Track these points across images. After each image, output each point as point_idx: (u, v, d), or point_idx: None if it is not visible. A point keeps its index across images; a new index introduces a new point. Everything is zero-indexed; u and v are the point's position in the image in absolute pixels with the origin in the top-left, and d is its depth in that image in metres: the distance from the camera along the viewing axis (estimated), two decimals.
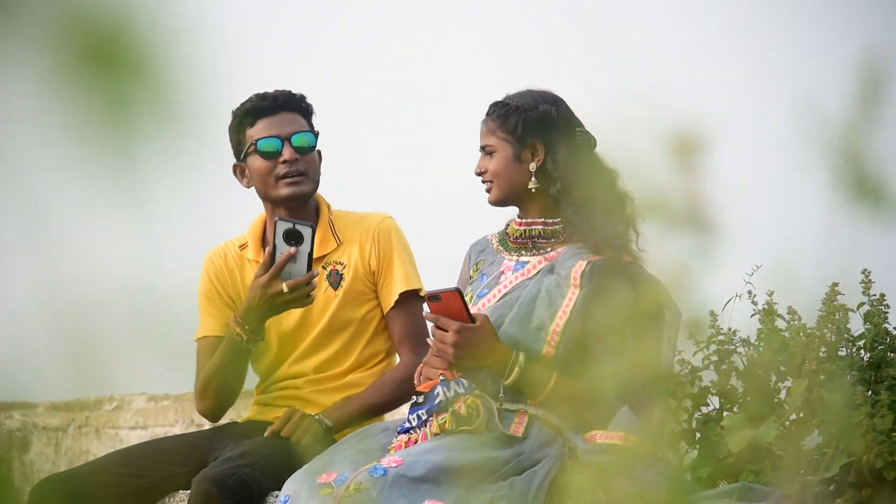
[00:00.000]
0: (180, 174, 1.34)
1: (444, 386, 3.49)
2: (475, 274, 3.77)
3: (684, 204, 1.63)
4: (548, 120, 3.64)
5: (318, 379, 4.05)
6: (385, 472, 3.32)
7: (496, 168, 3.65)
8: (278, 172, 3.98)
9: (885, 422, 3.50)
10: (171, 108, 1.30)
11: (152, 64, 1.29)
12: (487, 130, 3.67)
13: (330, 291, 4.03)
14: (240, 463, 3.70)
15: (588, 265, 3.58)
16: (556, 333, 3.54)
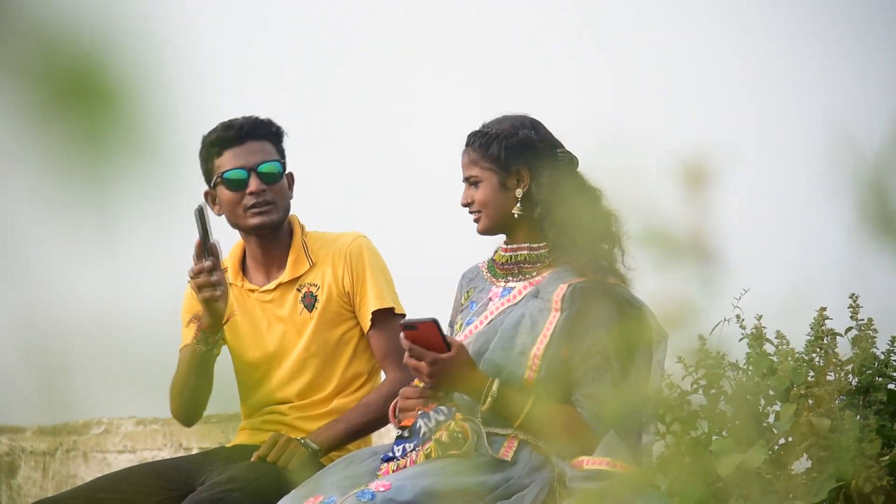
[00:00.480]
0: (152, 207, 1.34)
1: (423, 418, 3.49)
2: (466, 302, 3.77)
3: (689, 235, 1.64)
4: (529, 144, 3.65)
5: (303, 405, 4.04)
6: (373, 496, 3.32)
7: (483, 198, 3.64)
8: (245, 203, 4.00)
9: (873, 446, 3.50)
10: (143, 142, 1.31)
11: (124, 99, 1.30)
12: (470, 161, 3.66)
13: (305, 314, 4.04)
14: (227, 487, 3.69)
15: (569, 288, 3.58)
16: (536, 357, 3.54)
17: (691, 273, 1.65)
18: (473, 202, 3.66)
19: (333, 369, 4.05)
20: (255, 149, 4.02)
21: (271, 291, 4.07)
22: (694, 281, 1.66)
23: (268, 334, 4.07)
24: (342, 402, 4.05)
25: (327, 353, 4.05)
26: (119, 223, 1.35)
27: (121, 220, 1.35)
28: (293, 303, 4.05)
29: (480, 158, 3.65)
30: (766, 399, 3.70)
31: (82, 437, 7.62)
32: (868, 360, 3.67)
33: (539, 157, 3.64)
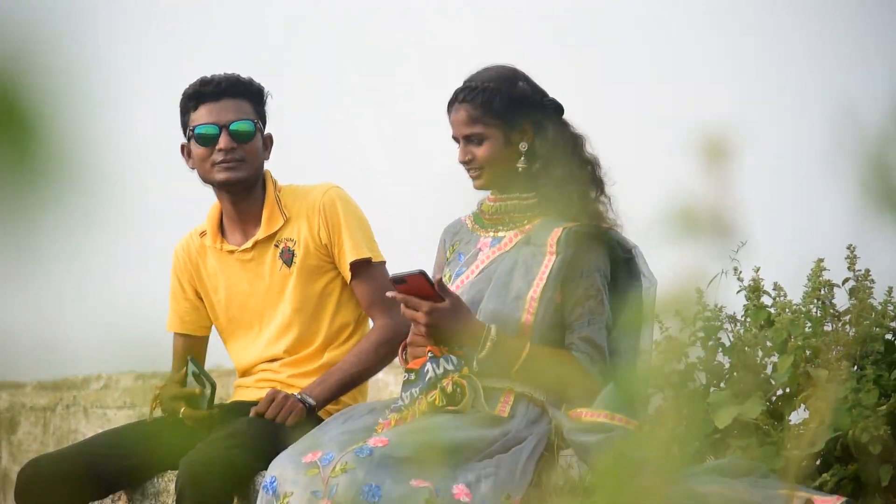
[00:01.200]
0: (79, 237, 1.34)
1: (433, 363, 3.49)
2: (451, 255, 3.76)
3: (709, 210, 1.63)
4: (527, 97, 3.63)
5: (294, 361, 4.05)
6: (371, 452, 3.33)
7: (488, 155, 3.60)
8: (214, 159, 4.01)
9: (870, 396, 3.50)
10: (70, 172, 1.31)
11: (43, 125, 1.30)
12: (470, 118, 3.61)
13: (284, 269, 4.05)
14: (227, 444, 3.70)
15: (564, 231, 3.58)
16: (533, 300, 3.54)
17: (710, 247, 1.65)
18: (474, 159, 3.62)
19: (320, 322, 4.06)
20: (230, 106, 4.02)
21: (249, 250, 4.07)
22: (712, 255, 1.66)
23: (251, 294, 4.08)
24: (332, 354, 4.06)
25: (311, 307, 4.05)
26: (44, 249, 1.35)
27: (46, 245, 1.35)
28: (272, 259, 4.06)
29: (484, 115, 3.60)
30: (763, 351, 3.70)
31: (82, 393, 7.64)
32: (865, 311, 3.67)
33: (536, 109, 3.63)
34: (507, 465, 3.40)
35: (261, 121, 4.06)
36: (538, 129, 3.61)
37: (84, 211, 1.33)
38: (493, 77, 3.63)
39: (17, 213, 1.31)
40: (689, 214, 1.64)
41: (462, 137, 3.63)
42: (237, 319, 4.10)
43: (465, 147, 3.62)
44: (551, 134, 3.60)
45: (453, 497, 3.29)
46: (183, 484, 3.64)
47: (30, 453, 7.55)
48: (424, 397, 3.49)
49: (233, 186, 4.03)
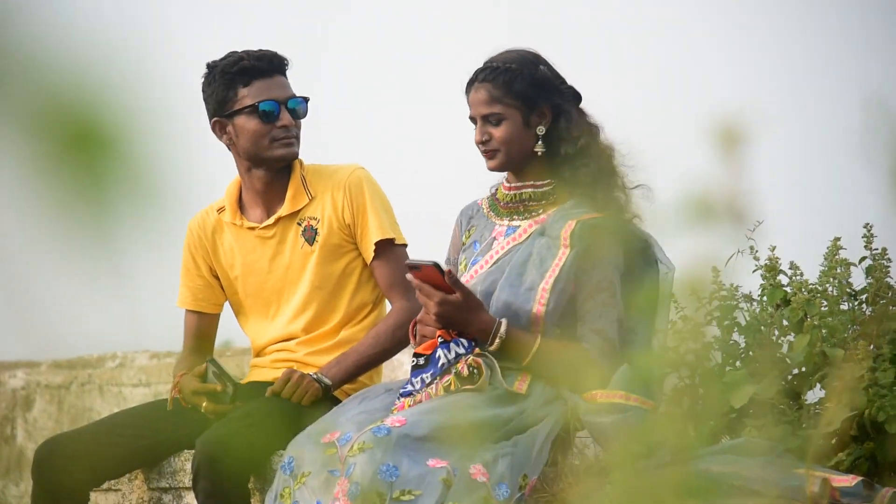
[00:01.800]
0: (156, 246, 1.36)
1: (444, 348, 3.50)
2: (468, 240, 3.76)
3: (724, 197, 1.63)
4: (547, 81, 3.62)
5: (311, 339, 4.05)
6: (389, 431, 3.33)
7: (506, 136, 3.60)
8: (275, 135, 3.99)
9: (887, 375, 3.50)
10: (146, 184, 1.32)
11: (127, 144, 1.32)
12: (491, 98, 3.61)
13: (306, 247, 4.04)
14: (243, 423, 3.71)
15: (578, 224, 3.57)
16: (545, 291, 3.54)
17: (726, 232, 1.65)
18: (491, 139, 3.62)
19: (338, 301, 4.06)
20: (282, 83, 4.04)
21: (272, 227, 4.06)
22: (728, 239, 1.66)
23: (270, 271, 4.07)
24: (349, 333, 4.06)
25: (331, 286, 4.05)
26: (125, 262, 1.37)
27: (127, 258, 1.37)
28: (294, 237, 4.05)
29: (504, 95, 3.60)
30: (779, 330, 3.70)
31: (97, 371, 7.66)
32: (882, 290, 3.67)
33: (555, 93, 3.63)
34: (524, 445, 3.40)
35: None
36: (557, 113, 3.61)
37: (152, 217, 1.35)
38: (515, 59, 3.62)
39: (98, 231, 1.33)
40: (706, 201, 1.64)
41: (480, 117, 3.62)
42: (254, 297, 4.10)
43: (483, 127, 3.61)
44: (570, 120, 3.60)
45: (470, 476, 3.30)
46: (199, 463, 3.65)
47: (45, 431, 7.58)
48: (439, 382, 3.49)
49: (285, 162, 4.03)
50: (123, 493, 4.07)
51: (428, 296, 3.49)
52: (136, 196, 1.32)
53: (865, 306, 3.67)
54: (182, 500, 3.97)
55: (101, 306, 1.41)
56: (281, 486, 3.38)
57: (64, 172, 1.32)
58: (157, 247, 1.36)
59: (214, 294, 4.15)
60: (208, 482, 3.63)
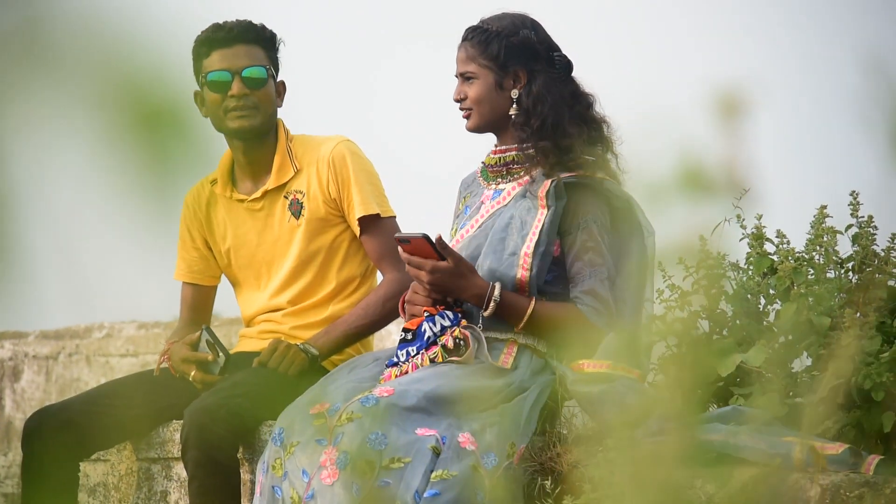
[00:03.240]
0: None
1: (429, 321, 3.51)
2: (461, 207, 3.77)
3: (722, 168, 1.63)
4: (529, 45, 3.62)
5: (298, 312, 4.05)
6: (377, 401, 3.34)
7: (477, 95, 3.62)
8: (227, 105, 3.97)
9: (873, 343, 3.51)
10: (206, 158, 1.33)
11: (189, 119, 1.32)
12: (467, 57, 3.63)
13: (293, 221, 4.03)
14: (231, 393, 3.71)
15: (552, 183, 3.58)
16: (527, 256, 3.54)
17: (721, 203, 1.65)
18: (466, 98, 3.64)
19: (326, 275, 4.06)
20: (241, 52, 3.98)
21: (259, 200, 4.05)
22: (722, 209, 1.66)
23: (259, 244, 4.07)
24: (338, 307, 4.05)
25: (318, 259, 4.05)
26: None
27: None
28: (281, 210, 4.04)
29: (479, 55, 3.62)
30: (766, 298, 3.71)
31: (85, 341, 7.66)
32: (868, 258, 3.67)
33: (537, 59, 3.62)
34: (512, 413, 3.41)
35: (273, 67, 4.03)
36: (533, 78, 3.61)
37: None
38: (500, 21, 3.63)
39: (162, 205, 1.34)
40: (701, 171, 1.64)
41: (459, 75, 3.65)
42: (244, 269, 4.09)
43: (460, 86, 3.64)
44: (544, 85, 3.60)
45: (459, 445, 3.31)
46: (187, 433, 3.65)
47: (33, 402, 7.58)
48: (425, 353, 3.50)
49: (245, 134, 4.00)
50: (112, 463, 4.08)
51: (419, 266, 3.49)
52: (196, 172, 1.33)
53: (852, 274, 3.68)
54: (171, 470, 3.97)
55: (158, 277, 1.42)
56: (272, 456, 3.39)
57: (131, 148, 1.32)
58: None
59: (209, 266, 4.14)
60: (197, 452, 3.63)
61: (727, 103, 1.62)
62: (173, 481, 3.97)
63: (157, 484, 4.00)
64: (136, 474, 4.03)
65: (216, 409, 3.66)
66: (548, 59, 3.63)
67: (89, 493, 4.13)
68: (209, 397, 3.71)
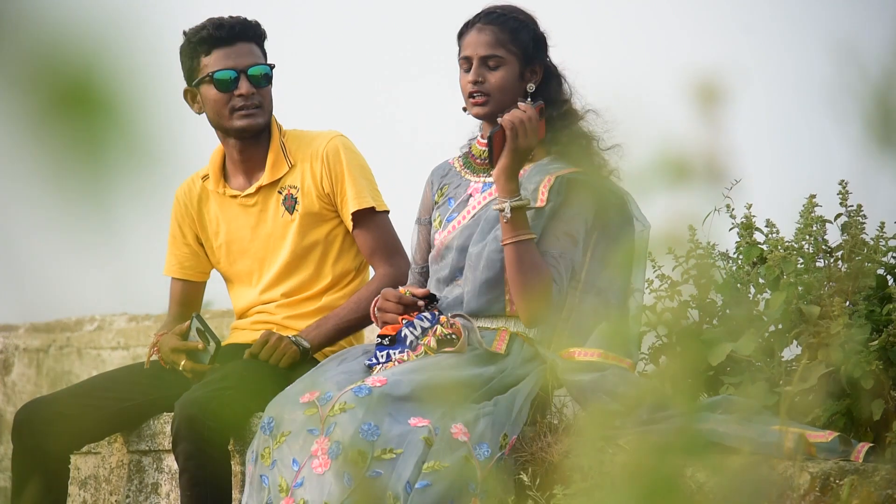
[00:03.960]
0: (152, 208, 1.36)
1: (408, 326, 3.51)
2: (441, 199, 3.75)
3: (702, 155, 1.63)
4: (543, 41, 3.63)
5: (291, 303, 4.05)
6: (370, 391, 3.34)
7: (501, 82, 3.56)
8: (234, 105, 3.96)
9: (862, 332, 3.52)
10: (142, 146, 1.32)
11: (123, 105, 1.31)
12: (497, 41, 3.56)
13: (287, 216, 4.03)
14: (221, 385, 3.71)
15: (557, 179, 3.58)
16: None
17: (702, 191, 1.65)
18: (485, 82, 3.58)
19: (321, 269, 4.06)
20: (244, 51, 3.98)
21: (253, 196, 4.05)
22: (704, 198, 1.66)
23: (252, 239, 4.07)
24: (331, 299, 4.06)
25: (313, 254, 4.05)
26: (120, 223, 1.36)
27: (122, 220, 1.36)
28: (275, 206, 4.04)
29: (509, 41, 3.56)
30: (756, 287, 3.71)
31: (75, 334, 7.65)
32: (857, 246, 3.68)
33: (547, 54, 3.64)
34: (505, 404, 3.42)
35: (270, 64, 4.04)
36: (548, 74, 3.61)
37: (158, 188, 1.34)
38: (520, 12, 3.61)
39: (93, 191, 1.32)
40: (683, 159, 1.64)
41: (479, 58, 3.56)
42: (237, 264, 4.09)
43: (479, 69, 3.56)
44: (560, 83, 3.61)
45: (451, 436, 3.31)
46: (179, 425, 3.65)
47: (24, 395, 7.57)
48: (410, 353, 3.50)
49: (250, 133, 3.99)
50: (103, 456, 4.07)
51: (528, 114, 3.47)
52: (131, 159, 1.32)
53: (841, 263, 3.69)
54: (162, 462, 3.97)
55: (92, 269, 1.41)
56: (261, 445, 3.39)
57: (59, 133, 1.31)
58: (152, 211, 1.36)
59: (200, 262, 4.14)
60: (188, 444, 3.63)
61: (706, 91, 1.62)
62: (164, 473, 3.97)
63: (147, 476, 4.00)
64: (126, 467, 4.03)
65: (207, 402, 3.66)
66: (548, 53, 3.65)
67: (80, 485, 4.13)
68: (200, 389, 3.71)
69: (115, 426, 3.97)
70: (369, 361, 3.54)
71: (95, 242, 1.36)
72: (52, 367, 7.63)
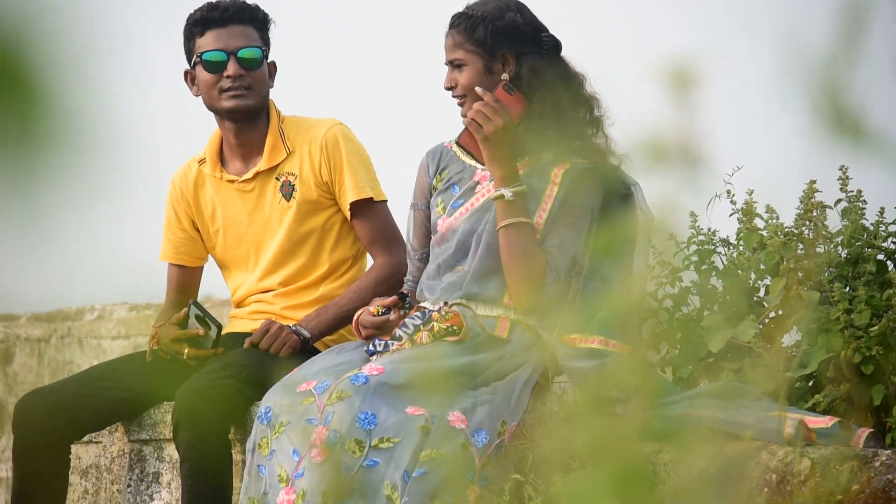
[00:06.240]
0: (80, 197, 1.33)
1: (402, 328, 3.51)
2: (440, 184, 3.74)
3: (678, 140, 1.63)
4: (515, 28, 3.61)
5: (289, 293, 4.05)
6: (367, 379, 3.34)
7: (467, 82, 3.60)
8: (222, 86, 3.97)
9: (862, 317, 3.51)
10: (70, 132, 1.29)
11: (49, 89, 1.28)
12: (454, 44, 3.61)
13: (283, 203, 4.03)
14: (222, 375, 3.71)
15: (572, 166, 3.58)
16: (538, 225, 3.55)
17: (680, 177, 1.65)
18: (457, 85, 3.62)
19: (317, 257, 4.05)
20: (236, 32, 3.98)
21: (250, 181, 4.05)
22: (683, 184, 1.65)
23: (249, 225, 4.06)
24: (329, 288, 4.05)
25: (309, 242, 4.04)
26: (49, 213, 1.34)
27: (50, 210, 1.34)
28: (272, 192, 4.04)
29: (465, 41, 3.60)
30: (756, 274, 3.71)
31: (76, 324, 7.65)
32: (857, 232, 3.67)
33: (524, 41, 3.61)
34: (503, 392, 3.41)
35: (266, 47, 4.03)
36: (521, 61, 3.60)
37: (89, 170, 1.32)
38: (484, 6, 3.62)
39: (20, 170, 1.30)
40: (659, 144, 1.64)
41: (448, 63, 3.63)
42: (234, 250, 4.09)
43: (450, 73, 3.63)
44: (536, 68, 3.59)
45: (449, 424, 3.31)
46: (179, 415, 3.65)
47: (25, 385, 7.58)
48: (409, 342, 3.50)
49: (240, 114, 3.99)
50: (104, 445, 4.08)
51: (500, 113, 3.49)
52: (61, 146, 1.29)
53: (841, 248, 3.68)
54: (163, 451, 3.97)
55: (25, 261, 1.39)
56: (259, 436, 3.39)
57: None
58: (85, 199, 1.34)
59: (196, 248, 4.14)
60: (188, 434, 3.64)
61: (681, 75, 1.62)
62: (165, 462, 3.97)
63: (149, 465, 4.00)
64: (127, 456, 4.03)
65: (207, 391, 3.66)
66: (535, 40, 3.62)
67: (81, 475, 4.13)
68: (200, 378, 3.71)
69: (116, 416, 3.97)
70: (368, 350, 3.54)
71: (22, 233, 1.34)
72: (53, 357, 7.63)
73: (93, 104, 1.30)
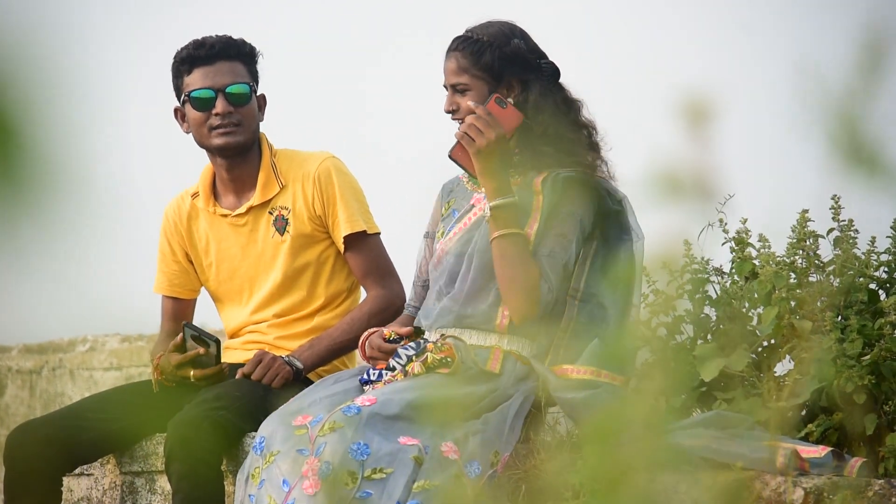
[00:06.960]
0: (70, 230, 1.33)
1: (395, 358, 3.51)
2: (446, 211, 3.77)
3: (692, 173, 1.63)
4: (520, 55, 3.62)
5: (283, 323, 4.05)
6: (359, 410, 3.34)
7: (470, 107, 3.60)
8: (211, 123, 3.97)
9: (854, 346, 3.52)
10: (49, 173, 1.29)
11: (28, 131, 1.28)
12: (459, 68, 3.60)
13: (277, 237, 4.03)
14: (215, 405, 3.70)
15: (550, 174, 3.58)
16: (530, 236, 3.55)
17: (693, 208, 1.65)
18: (459, 109, 3.61)
19: (314, 290, 4.05)
20: (224, 69, 3.99)
21: (244, 216, 4.05)
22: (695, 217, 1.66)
23: (242, 259, 4.07)
24: (323, 318, 4.05)
25: (304, 276, 4.04)
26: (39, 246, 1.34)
27: (40, 243, 1.34)
28: (266, 226, 4.04)
29: (472, 66, 3.59)
30: (749, 303, 3.71)
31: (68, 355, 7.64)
32: (849, 261, 3.68)
33: (528, 67, 3.62)
34: (496, 422, 3.41)
35: (254, 82, 4.04)
36: (525, 87, 3.60)
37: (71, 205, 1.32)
38: (490, 31, 3.62)
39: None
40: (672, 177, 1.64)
41: (450, 86, 3.62)
42: (227, 283, 4.09)
43: (452, 96, 3.62)
44: (540, 94, 3.59)
45: (442, 454, 3.30)
46: (171, 446, 3.64)
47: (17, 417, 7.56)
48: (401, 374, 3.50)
49: (230, 151, 4.00)
50: (96, 477, 4.06)
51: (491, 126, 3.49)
52: (41, 185, 1.29)
53: (833, 278, 3.69)
54: (155, 483, 3.96)
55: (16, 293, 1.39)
56: (251, 465, 3.38)
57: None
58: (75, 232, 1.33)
59: (190, 280, 4.14)
60: (181, 465, 3.63)
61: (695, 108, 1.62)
62: (157, 494, 3.96)
63: (141, 497, 3.99)
64: (119, 488, 4.02)
65: (200, 422, 3.65)
66: (536, 66, 3.63)
67: None
68: (192, 410, 3.70)
69: (108, 447, 3.95)
70: (362, 379, 3.54)
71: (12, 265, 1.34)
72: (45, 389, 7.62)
73: (79, 140, 1.30)
